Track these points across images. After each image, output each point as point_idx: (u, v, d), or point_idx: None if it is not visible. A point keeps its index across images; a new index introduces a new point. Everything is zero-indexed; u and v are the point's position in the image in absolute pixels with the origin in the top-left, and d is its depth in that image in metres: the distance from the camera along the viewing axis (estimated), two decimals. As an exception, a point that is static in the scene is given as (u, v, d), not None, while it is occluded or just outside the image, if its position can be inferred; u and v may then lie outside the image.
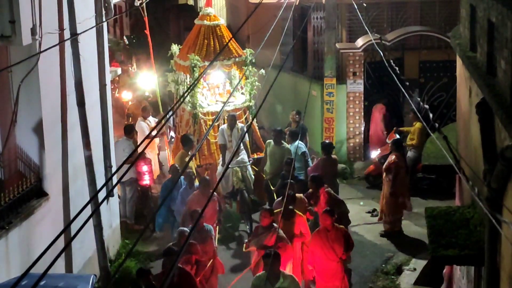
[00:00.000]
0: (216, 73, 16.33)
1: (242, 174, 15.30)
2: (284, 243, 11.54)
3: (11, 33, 9.97)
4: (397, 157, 14.62)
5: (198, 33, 16.36)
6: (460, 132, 11.33)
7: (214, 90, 16.64)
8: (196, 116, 15.93)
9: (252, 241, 11.87)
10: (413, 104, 15.12)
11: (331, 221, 11.51)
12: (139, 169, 15.40)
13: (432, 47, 19.30)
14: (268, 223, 11.80)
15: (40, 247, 10.51)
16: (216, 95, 16.56)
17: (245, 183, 15.32)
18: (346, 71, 18.89)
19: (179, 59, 16.41)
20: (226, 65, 16.08)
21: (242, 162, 15.30)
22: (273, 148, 15.48)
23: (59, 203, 11.50)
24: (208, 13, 16.60)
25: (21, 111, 10.71)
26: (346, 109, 18.92)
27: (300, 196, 12.98)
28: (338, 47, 18.89)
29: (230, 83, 16.47)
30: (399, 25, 19.81)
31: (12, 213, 10.04)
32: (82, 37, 11.63)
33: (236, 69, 16.23)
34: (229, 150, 15.37)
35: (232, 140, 15.37)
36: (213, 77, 16.51)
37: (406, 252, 14.26)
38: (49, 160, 11.08)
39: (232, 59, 16.03)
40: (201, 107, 15.99)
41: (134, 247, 5.80)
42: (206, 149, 16.15)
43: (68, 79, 11.68)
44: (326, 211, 11.68)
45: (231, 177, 15.31)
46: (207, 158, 16.14)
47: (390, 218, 14.84)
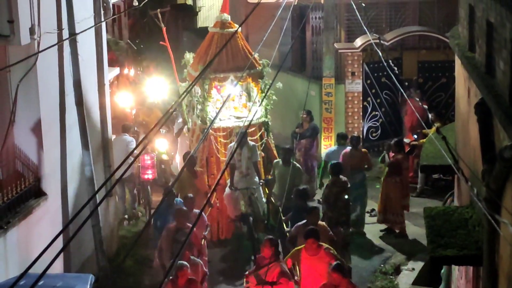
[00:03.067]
0: (231, 85, 14.73)
1: (250, 198, 13.98)
2: (286, 279, 10.49)
3: (9, 33, 9.98)
4: (402, 158, 14.66)
5: (211, 42, 14.95)
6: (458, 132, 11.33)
7: (229, 103, 15.06)
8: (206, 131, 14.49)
9: (253, 274, 10.78)
10: (411, 104, 15.14)
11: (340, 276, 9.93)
12: (143, 163, 15.43)
13: (431, 47, 19.31)
14: (269, 254, 10.66)
15: (38, 247, 10.50)
16: (231, 109, 15.08)
17: (252, 207, 13.96)
18: (344, 71, 18.90)
19: (191, 68, 15.12)
20: (240, 77, 14.52)
21: (251, 184, 14.13)
22: (282, 169, 14.20)
23: (57, 203, 11.50)
24: (223, 19, 15.03)
25: (20, 111, 10.71)
26: (344, 109, 18.93)
27: (322, 224, 11.73)
28: (336, 47, 18.89)
29: (249, 96, 15.10)
30: (398, 25, 19.83)
31: (10, 213, 10.05)
32: (80, 37, 11.62)
33: (252, 81, 14.86)
34: (238, 170, 14.19)
35: (241, 160, 14.16)
36: (227, 89, 14.82)
37: (405, 252, 14.26)
38: (47, 159, 11.07)
39: (247, 71, 14.45)
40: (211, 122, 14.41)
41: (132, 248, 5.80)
42: (215, 168, 14.74)
43: (66, 79, 11.68)
44: (334, 268, 9.94)
45: (239, 199, 14.16)
46: (216, 177, 14.49)
47: (395, 217, 14.84)
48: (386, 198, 14.82)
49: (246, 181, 14.11)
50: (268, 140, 15.14)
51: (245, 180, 14.11)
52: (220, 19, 15.08)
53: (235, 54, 14.65)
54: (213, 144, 14.58)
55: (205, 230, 12.57)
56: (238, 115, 14.88)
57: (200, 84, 14.41)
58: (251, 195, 13.96)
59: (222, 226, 14.69)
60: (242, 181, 14.07)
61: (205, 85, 14.38)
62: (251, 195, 13.97)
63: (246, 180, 14.11)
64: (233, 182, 14.10)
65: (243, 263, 13.69)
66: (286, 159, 14.21)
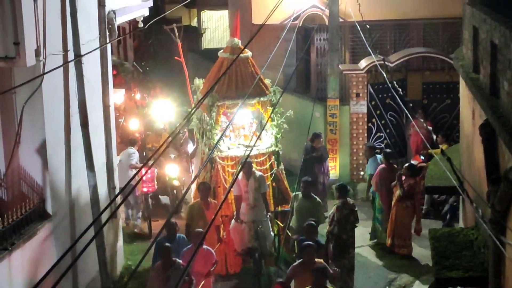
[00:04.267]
0: (241, 112, 14.10)
1: (256, 231, 13.37)
2: None
3: (15, 55, 10.01)
4: (414, 183, 14.61)
5: (220, 67, 14.28)
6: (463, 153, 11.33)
7: (239, 131, 14.50)
8: (213, 160, 13.97)
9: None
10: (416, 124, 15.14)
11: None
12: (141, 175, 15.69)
13: (435, 69, 19.33)
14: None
15: (43, 268, 10.49)
16: (241, 137, 14.45)
17: (259, 241, 13.32)
18: (349, 93, 18.92)
19: (201, 95, 14.47)
20: (250, 104, 14.02)
21: (258, 217, 13.45)
22: (302, 202, 13.53)
23: (62, 224, 11.49)
24: (234, 44, 14.42)
25: (25, 132, 10.72)
26: (349, 130, 18.93)
27: (319, 261, 11.20)
28: (341, 68, 18.93)
29: (260, 123, 14.32)
30: (402, 46, 19.89)
31: (15, 234, 10.03)
32: (85, 59, 11.67)
33: (261, 109, 14.24)
34: (245, 202, 13.47)
35: (248, 191, 13.43)
36: (237, 116, 14.16)
37: (410, 273, 14.20)
38: (52, 181, 11.08)
39: (257, 98, 13.99)
40: (219, 151, 13.97)
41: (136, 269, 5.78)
42: (223, 199, 13.63)
43: (71, 100, 11.71)
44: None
45: (246, 232, 13.45)
46: (224, 209, 13.92)
47: (402, 241, 14.80)
48: (395, 222, 14.75)
49: (254, 213, 13.41)
50: (279, 170, 14.50)
51: (253, 212, 13.41)
52: (231, 44, 14.52)
53: (245, 80, 14.02)
54: (220, 173, 13.97)
55: (212, 266, 12.03)
56: (248, 144, 14.21)
57: (208, 111, 13.89)
58: (258, 228, 13.37)
59: (229, 259, 14.00)
60: (249, 213, 13.41)
61: (213, 112, 13.80)
62: (258, 228, 13.37)
63: (253, 212, 13.41)
64: (239, 214, 13.45)
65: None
66: (306, 192, 13.60)
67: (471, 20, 10.18)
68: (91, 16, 12.61)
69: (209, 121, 13.88)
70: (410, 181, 14.59)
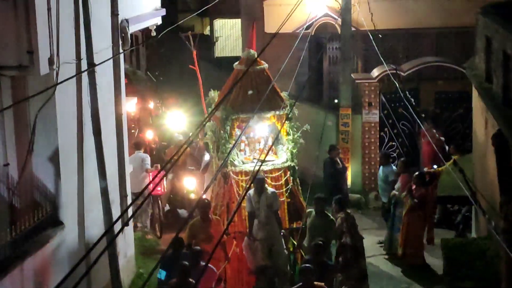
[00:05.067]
0: (257, 126, 13.82)
1: (269, 249, 12.89)
2: None
3: (29, 63, 10.06)
4: (425, 192, 14.56)
5: (235, 80, 13.78)
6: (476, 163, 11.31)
7: (254, 145, 14.10)
8: (227, 175, 13.55)
9: None
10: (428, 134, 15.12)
11: None
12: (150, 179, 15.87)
13: (448, 78, 19.29)
14: None
15: (55, 276, 10.52)
16: (256, 151, 14.07)
17: (272, 260, 12.78)
18: (361, 101, 18.91)
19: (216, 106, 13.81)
20: (265, 117, 13.59)
21: (271, 235, 12.96)
22: (315, 220, 13.13)
23: (74, 232, 11.51)
24: (249, 56, 14.01)
25: (38, 140, 10.75)
26: (361, 139, 18.91)
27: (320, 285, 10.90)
28: (353, 77, 18.93)
29: (276, 138, 13.84)
30: (415, 55, 19.87)
31: (27, 242, 10.05)
32: (98, 67, 11.70)
33: (277, 122, 13.74)
34: (257, 219, 13.01)
35: (260, 208, 12.94)
36: (253, 130, 13.94)
37: (422, 283, 14.13)
38: (65, 189, 11.10)
39: (272, 112, 13.51)
40: (233, 165, 13.53)
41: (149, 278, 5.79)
42: (236, 215, 13.50)
43: (84, 109, 11.74)
44: None
45: (259, 250, 12.95)
46: (237, 225, 13.54)
47: (415, 251, 14.75)
48: (407, 232, 14.70)
49: (266, 231, 12.94)
50: (294, 186, 14.00)
51: (265, 230, 12.94)
52: (246, 55, 14.16)
53: (260, 93, 13.40)
54: (234, 188, 13.48)
55: (213, 284, 11.60)
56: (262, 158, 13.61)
57: (221, 125, 13.50)
58: (271, 247, 12.91)
59: (242, 277, 13.47)
60: (262, 231, 12.94)
61: (226, 126, 13.37)
62: (271, 247, 12.92)
63: (265, 230, 12.94)
64: (251, 232, 13.02)
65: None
66: (319, 209, 13.14)
67: (484, 30, 10.17)
68: (104, 24, 12.65)
69: (223, 134, 13.49)
70: (421, 191, 14.54)
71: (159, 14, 16.21)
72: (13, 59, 10.13)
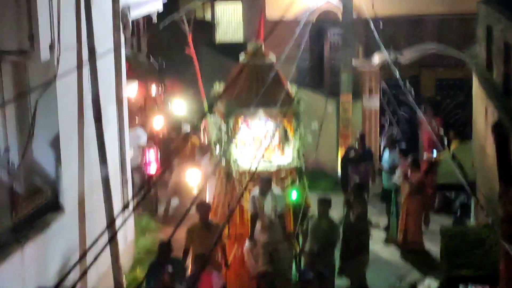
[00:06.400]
0: (260, 122, 13.01)
1: (271, 254, 12.17)
2: None
3: (29, 49, 10.06)
4: (422, 177, 14.62)
5: (240, 73, 13.13)
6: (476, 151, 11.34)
7: (260, 143, 13.10)
8: (229, 175, 12.79)
9: None
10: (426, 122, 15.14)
11: None
12: (146, 158, 15.98)
13: (449, 65, 19.28)
14: None
15: (55, 261, 10.56)
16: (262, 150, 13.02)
17: (274, 265, 12.05)
18: (362, 88, 18.90)
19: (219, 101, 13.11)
20: (271, 114, 12.80)
21: (273, 238, 12.24)
22: (317, 222, 12.33)
23: (74, 218, 11.54)
24: (255, 48, 13.34)
25: (38, 125, 10.78)
26: (362, 126, 18.92)
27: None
28: (354, 63, 18.92)
29: (285, 136, 13.11)
30: (416, 42, 19.84)
31: (28, 227, 10.09)
32: (99, 53, 11.69)
33: (283, 119, 12.93)
34: (260, 221, 12.33)
35: (264, 210, 12.21)
36: (256, 127, 13.09)
37: (421, 270, 14.20)
38: (65, 175, 11.13)
39: (279, 107, 12.55)
40: (236, 165, 12.78)
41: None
42: (238, 217, 12.86)
43: (85, 94, 11.75)
44: None
45: (261, 255, 12.24)
46: (239, 227, 12.84)
47: (415, 237, 14.81)
48: (406, 218, 14.77)
49: (269, 234, 12.21)
50: (301, 187, 13.16)
51: (268, 233, 12.23)
52: (253, 48, 13.43)
53: (266, 88, 12.53)
54: (237, 189, 12.76)
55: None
56: (269, 157, 13.03)
57: (224, 121, 12.75)
58: (273, 251, 12.20)
59: (243, 282, 12.77)
60: (264, 234, 12.24)
61: (230, 121, 12.62)
62: (273, 252, 12.20)
63: (268, 233, 12.22)
64: (253, 235, 12.32)
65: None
66: (323, 212, 12.34)
67: (485, 19, 10.17)
68: (106, 10, 12.64)
69: (226, 130, 12.77)
70: (418, 175, 14.61)
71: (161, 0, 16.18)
72: (14, 44, 10.12)
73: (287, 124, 13.00)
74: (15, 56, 10.17)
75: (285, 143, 12.98)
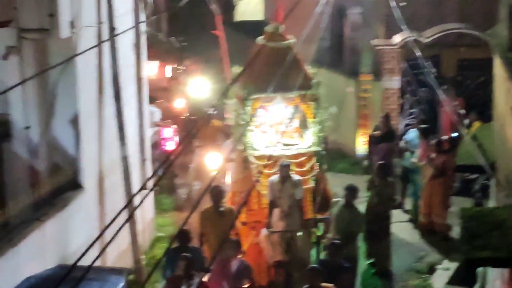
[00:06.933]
0: (278, 106, 12.43)
1: (289, 243, 11.76)
2: None
3: (50, 26, 10.10)
4: (446, 159, 14.52)
5: (258, 56, 12.52)
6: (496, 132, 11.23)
7: (278, 127, 12.51)
8: (247, 160, 12.22)
9: None
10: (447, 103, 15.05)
11: None
12: (163, 134, 16.14)
13: (471, 45, 19.10)
14: None
15: (74, 238, 10.64)
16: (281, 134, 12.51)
17: (291, 254, 11.69)
18: (382, 68, 18.80)
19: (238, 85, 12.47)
20: (289, 98, 12.31)
21: (291, 226, 11.78)
22: (343, 210, 12.12)
23: (94, 196, 11.62)
24: (275, 30, 12.64)
25: (58, 104, 10.84)
26: (381, 106, 18.84)
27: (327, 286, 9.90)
28: (375, 43, 18.81)
29: (304, 120, 12.56)
30: (437, 22, 19.66)
31: (48, 205, 10.16)
32: (119, 31, 11.70)
33: (302, 103, 12.44)
34: (278, 209, 11.86)
35: (283, 197, 11.82)
36: (275, 111, 12.51)
37: (440, 251, 14.17)
38: (85, 153, 11.19)
39: (297, 92, 12.19)
40: (253, 149, 12.23)
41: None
42: (255, 203, 12.36)
43: (105, 73, 11.78)
44: None
45: (277, 244, 11.83)
46: (256, 214, 12.32)
47: (439, 219, 14.77)
48: (430, 201, 14.71)
49: (287, 222, 11.78)
50: (320, 173, 12.65)
51: (286, 221, 11.78)
52: (271, 29, 12.70)
53: (285, 71, 11.92)
54: (254, 175, 12.19)
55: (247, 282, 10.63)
56: (287, 142, 12.47)
57: (241, 105, 12.28)
58: (290, 240, 11.78)
59: (261, 270, 12.14)
60: (282, 222, 11.80)
61: (247, 106, 12.16)
62: (291, 240, 11.78)
63: (286, 221, 11.78)
64: (270, 223, 11.87)
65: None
66: (348, 200, 12.16)
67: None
68: (126, -12, 12.65)
69: (243, 115, 12.26)
70: (442, 158, 14.52)
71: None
72: (35, 22, 10.17)
73: (306, 109, 12.50)
74: (36, 34, 10.22)
75: (304, 127, 12.46)
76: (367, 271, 11.80)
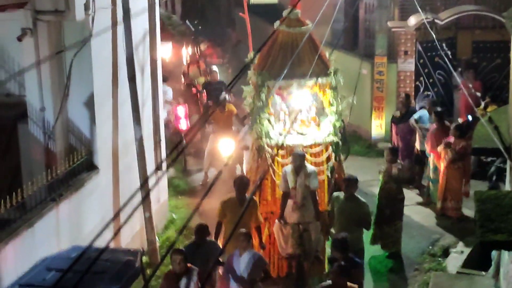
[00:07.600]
0: (295, 94, 11.87)
1: (301, 235, 11.47)
2: None
3: (65, 8, 10.10)
4: (466, 144, 14.44)
5: (274, 41, 12.02)
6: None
7: (295, 115, 12.07)
8: (261, 148, 11.84)
9: None
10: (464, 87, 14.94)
11: None
12: (175, 112, 16.32)
13: (486, 27, 18.99)
14: None
15: (89, 219, 10.68)
16: (297, 122, 12.12)
17: (303, 247, 11.44)
18: (397, 50, 18.73)
19: (254, 71, 12.06)
20: (307, 85, 11.77)
21: (304, 218, 11.48)
22: (344, 202, 11.50)
23: (108, 177, 11.65)
24: (292, 15, 12.01)
25: (73, 85, 10.86)
26: (396, 88, 18.78)
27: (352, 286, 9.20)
28: (389, 25, 18.72)
29: (322, 108, 12.12)
30: (453, 3, 19.55)
31: (63, 186, 10.21)
32: (133, 13, 11.69)
33: (320, 91, 12.00)
34: (291, 200, 11.52)
35: (297, 188, 11.45)
36: (291, 99, 11.97)
37: (454, 234, 14.14)
38: (99, 134, 11.22)
39: (314, 79, 11.70)
40: (268, 137, 11.81)
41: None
42: (269, 194, 12.03)
43: (119, 54, 11.78)
44: None
45: (290, 236, 11.54)
46: (270, 205, 12.02)
47: (454, 204, 14.72)
48: (447, 185, 14.66)
49: (300, 214, 11.46)
50: (336, 163, 12.30)
51: (299, 212, 11.46)
52: (287, 14, 12.03)
53: (302, 58, 11.71)
54: (269, 164, 11.81)
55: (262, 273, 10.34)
56: (304, 131, 12.09)
57: (257, 92, 11.85)
58: (303, 232, 11.48)
59: (274, 262, 12.07)
60: (295, 214, 11.47)
61: (262, 93, 11.74)
62: (304, 232, 11.48)
63: (300, 212, 11.46)
64: (283, 214, 11.55)
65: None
66: (349, 192, 11.53)
67: (525, -20, 9.98)
68: (140, -31, 12.62)
69: (258, 103, 11.84)
70: (462, 142, 14.42)
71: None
72: (50, 4, 10.18)
73: (323, 97, 12.08)
74: (51, 15, 10.23)
75: (321, 116, 12.07)
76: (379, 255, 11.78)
